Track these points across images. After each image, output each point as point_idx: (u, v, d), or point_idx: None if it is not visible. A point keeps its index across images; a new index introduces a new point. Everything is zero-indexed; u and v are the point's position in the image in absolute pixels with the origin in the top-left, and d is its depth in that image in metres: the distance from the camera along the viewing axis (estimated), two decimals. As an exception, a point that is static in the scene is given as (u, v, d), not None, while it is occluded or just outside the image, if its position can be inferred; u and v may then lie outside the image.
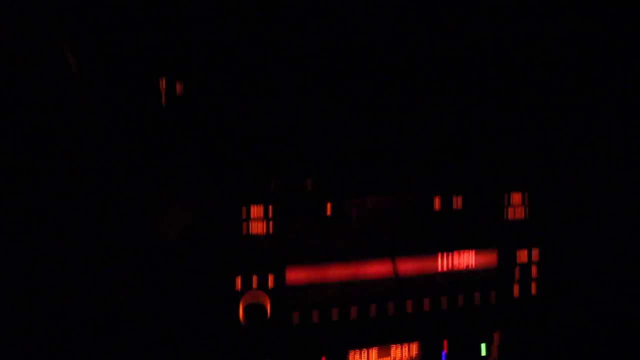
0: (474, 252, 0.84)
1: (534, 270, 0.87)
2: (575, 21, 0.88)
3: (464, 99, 0.87)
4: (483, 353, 0.89)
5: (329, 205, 0.77)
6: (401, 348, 0.85)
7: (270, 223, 0.75)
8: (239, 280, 0.74)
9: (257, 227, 0.75)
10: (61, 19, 0.68)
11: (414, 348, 0.86)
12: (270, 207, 0.75)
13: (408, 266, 0.81)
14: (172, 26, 0.77)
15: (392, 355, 0.85)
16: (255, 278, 0.74)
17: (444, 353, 0.87)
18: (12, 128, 0.66)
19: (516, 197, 0.85)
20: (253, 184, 0.75)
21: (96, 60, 0.70)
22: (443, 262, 0.83)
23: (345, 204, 0.78)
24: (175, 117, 0.73)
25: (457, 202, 0.83)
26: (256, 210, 0.75)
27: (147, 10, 0.75)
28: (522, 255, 0.86)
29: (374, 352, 0.84)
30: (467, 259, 0.84)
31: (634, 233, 0.88)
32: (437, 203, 0.82)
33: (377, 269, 0.80)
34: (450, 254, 0.83)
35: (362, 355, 0.83)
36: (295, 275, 0.76)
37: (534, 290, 0.87)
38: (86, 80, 0.69)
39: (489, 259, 0.85)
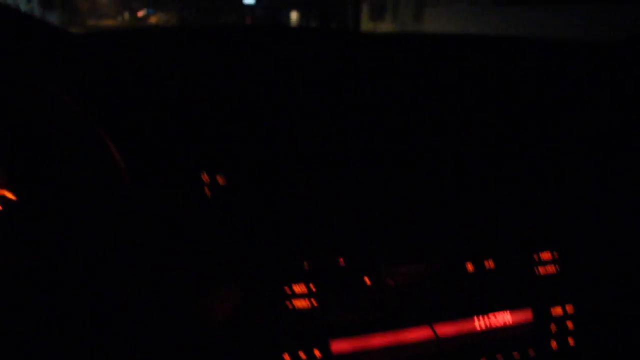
0: (508, 311, 0.86)
1: (570, 324, 0.89)
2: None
3: (490, 166, 0.90)
4: (525, 406, 0.91)
5: (366, 278, 0.81)
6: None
7: (312, 299, 0.79)
8: (287, 355, 0.78)
9: (300, 303, 0.79)
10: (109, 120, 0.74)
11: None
12: (311, 284, 0.79)
13: (446, 329, 0.84)
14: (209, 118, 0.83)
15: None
16: (301, 353, 0.79)
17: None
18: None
19: (546, 255, 0.88)
20: (293, 262, 0.79)
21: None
22: (479, 323, 0.85)
23: (382, 274, 0.82)
24: (218, 205, 0.79)
25: (489, 264, 0.85)
26: (298, 288, 0.79)
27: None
28: (556, 311, 0.88)
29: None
30: (502, 319, 0.86)
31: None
32: (469, 266, 0.85)
33: (416, 334, 0.83)
34: (485, 315, 0.86)
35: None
36: (340, 346, 0.80)
37: (572, 343, 0.89)
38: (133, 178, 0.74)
39: (524, 316, 0.87)
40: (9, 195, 0.75)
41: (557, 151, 0.92)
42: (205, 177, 0.78)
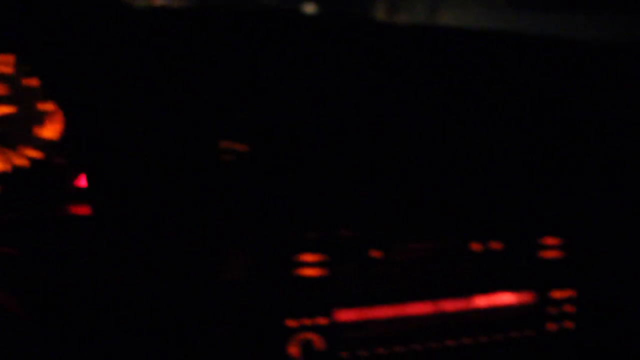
0: (511, 292, 0.88)
1: (570, 308, 0.90)
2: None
3: (499, 145, 0.92)
4: (522, 387, 0.93)
5: (374, 250, 0.83)
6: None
7: (320, 269, 0.81)
8: (291, 321, 0.81)
9: (308, 272, 0.81)
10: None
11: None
12: (320, 254, 0.81)
13: (449, 306, 0.86)
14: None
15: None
16: (305, 320, 0.81)
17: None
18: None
19: (552, 240, 0.89)
20: (303, 232, 0.81)
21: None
22: (481, 302, 0.87)
23: (391, 249, 0.84)
24: (232, 172, 0.81)
25: (496, 245, 0.87)
26: (307, 257, 0.81)
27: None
28: (558, 295, 0.90)
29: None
30: (504, 299, 0.88)
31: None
32: (475, 246, 0.87)
33: (420, 308, 0.85)
34: (487, 294, 0.88)
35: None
36: (344, 315, 0.83)
37: (570, 327, 0.91)
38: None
39: (526, 298, 0.89)
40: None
41: (567, 139, 0.94)
42: (223, 145, 0.80)
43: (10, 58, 0.87)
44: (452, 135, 0.89)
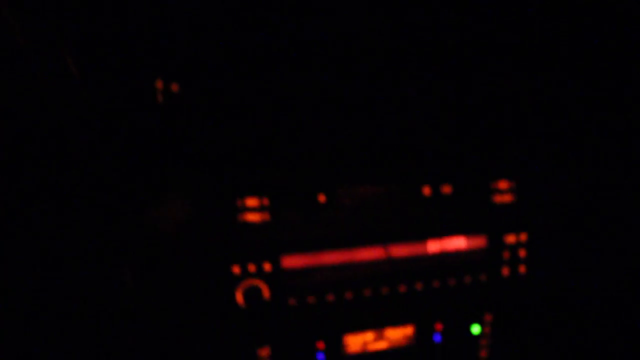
0: (464, 236, 0.87)
1: (522, 253, 0.89)
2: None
3: (453, 88, 0.89)
4: (476, 332, 0.92)
5: (322, 195, 0.81)
6: (396, 330, 0.89)
7: (264, 213, 0.78)
8: (236, 268, 0.78)
9: (253, 217, 0.78)
10: (61, 20, 0.72)
11: (409, 330, 0.89)
12: (265, 198, 0.78)
13: (400, 250, 0.85)
14: (167, 25, 0.81)
15: (387, 338, 0.89)
16: (250, 266, 0.78)
17: (437, 334, 0.91)
18: (10, 125, 0.70)
19: (504, 184, 0.88)
20: (248, 175, 0.78)
21: (96, 58, 0.74)
22: (433, 246, 0.86)
23: (338, 193, 0.81)
24: (172, 112, 0.77)
25: (447, 190, 0.86)
26: (251, 201, 0.78)
27: (145, 10, 0.79)
28: (510, 238, 0.89)
29: (369, 335, 0.88)
30: (456, 243, 0.87)
31: (619, 214, 0.91)
32: (426, 190, 0.85)
33: (370, 253, 0.83)
34: (440, 238, 0.86)
35: (358, 338, 0.87)
36: (291, 261, 0.80)
37: (522, 271, 0.90)
38: (84, 78, 0.72)
39: (478, 242, 0.88)
40: None
41: (514, 81, 0.92)
42: (159, 85, 0.76)
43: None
44: (403, 74, 0.87)
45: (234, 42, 0.79)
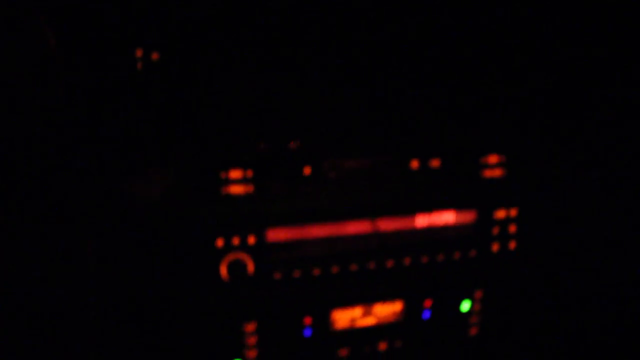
0: (452, 211, 0.86)
1: (512, 228, 0.88)
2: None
3: (441, 59, 0.88)
4: (466, 309, 0.91)
5: (307, 167, 0.79)
6: (385, 306, 0.88)
7: (249, 186, 0.77)
8: (220, 241, 0.77)
9: (237, 189, 0.77)
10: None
11: (398, 306, 0.88)
12: (249, 170, 0.77)
13: (387, 225, 0.83)
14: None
15: (375, 314, 0.88)
16: (235, 239, 0.77)
17: (427, 311, 0.90)
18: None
19: (493, 158, 0.87)
20: (232, 146, 0.77)
21: (74, 28, 0.72)
22: (421, 221, 0.85)
23: (323, 165, 0.80)
24: (154, 81, 0.75)
25: (435, 163, 0.84)
26: (235, 173, 0.77)
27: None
28: (500, 214, 0.88)
29: (358, 311, 0.87)
30: (445, 218, 0.85)
31: (609, 191, 0.89)
32: (414, 164, 0.83)
33: (357, 227, 0.82)
34: (429, 212, 0.85)
35: (346, 313, 0.86)
36: (276, 234, 0.79)
37: (512, 247, 0.89)
38: (62, 48, 0.71)
39: (467, 217, 0.87)
40: None
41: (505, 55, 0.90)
42: (139, 53, 0.75)
43: None
44: (390, 45, 0.85)
45: (217, 8, 0.77)
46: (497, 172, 0.87)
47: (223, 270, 0.77)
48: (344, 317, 0.86)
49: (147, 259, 0.75)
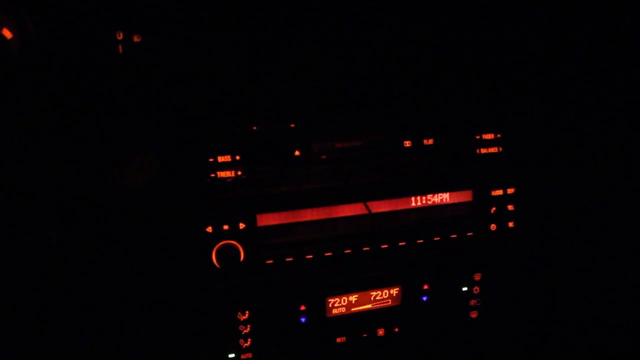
0: (447, 192, 0.83)
1: (510, 207, 0.86)
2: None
3: (437, 41, 0.86)
4: (465, 292, 0.89)
5: (297, 149, 0.77)
6: (382, 292, 0.85)
7: (238, 170, 0.75)
8: (210, 227, 0.75)
9: (226, 174, 0.75)
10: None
11: (395, 291, 0.85)
12: (238, 154, 0.75)
13: (381, 206, 0.81)
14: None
15: (372, 300, 0.85)
16: (225, 226, 0.75)
17: (424, 295, 0.87)
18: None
19: (488, 136, 0.84)
20: (220, 130, 0.74)
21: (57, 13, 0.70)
22: (416, 202, 0.82)
23: (314, 147, 0.77)
24: (136, 65, 0.73)
25: (429, 142, 0.82)
26: (224, 157, 0.74)
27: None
28: (497, 193, 0.86)
29: (353, 297, 0.84)
30: (440, 199, 0.83)
31: (607, 170, 0.87)
32: (406, 144, 0.81)
33: (349, 210, 0.80)
34: (422, 195, 0.82)
35: (342, 300, 0.84)
36: (267, 219, 0.77)
37: (510, 225, 0.87)
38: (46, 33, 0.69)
39: (464, 197, 0.85)
40: None
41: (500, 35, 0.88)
42: (120, 36, 0.72)
43: None
44: (382, 21, 0.83)
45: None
46: (492, 151, 0.85)
47: (214, 257, 0.75)
48: (340, 304, 0.84)
49: (135, 249, 0.73)
